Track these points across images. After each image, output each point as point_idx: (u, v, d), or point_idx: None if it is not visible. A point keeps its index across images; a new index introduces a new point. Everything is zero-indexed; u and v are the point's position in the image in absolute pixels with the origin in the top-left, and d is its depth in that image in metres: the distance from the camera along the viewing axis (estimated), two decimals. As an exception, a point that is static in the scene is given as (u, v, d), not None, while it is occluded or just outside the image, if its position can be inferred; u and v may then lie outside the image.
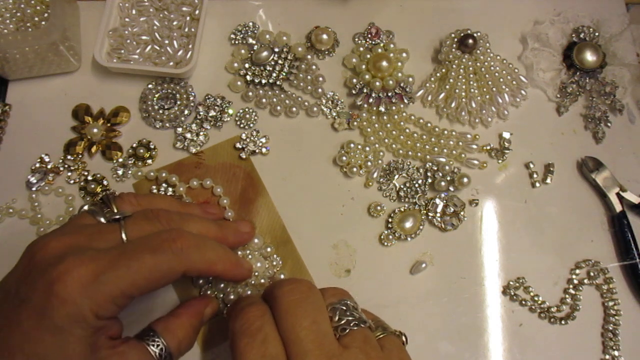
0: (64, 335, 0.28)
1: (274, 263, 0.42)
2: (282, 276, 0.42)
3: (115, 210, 0.35)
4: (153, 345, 0.33)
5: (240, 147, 0.45)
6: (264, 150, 0.46)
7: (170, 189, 0.44)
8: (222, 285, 0.40)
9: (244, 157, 0.45)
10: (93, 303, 0.29)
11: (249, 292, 0.40)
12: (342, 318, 0.32)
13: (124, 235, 0.33)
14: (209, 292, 0.41)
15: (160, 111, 0.46)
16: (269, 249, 0.42)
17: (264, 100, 0.47)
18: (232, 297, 0.40)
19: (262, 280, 0.41)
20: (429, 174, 0.45)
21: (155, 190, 0.44)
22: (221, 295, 0.41)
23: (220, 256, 0.35)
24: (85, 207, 0.36)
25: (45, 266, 0.30)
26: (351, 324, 0.32)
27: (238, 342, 0.30)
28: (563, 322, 0.43)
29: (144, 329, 0.34)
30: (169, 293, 0.42)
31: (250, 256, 0.41)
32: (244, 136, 0.46)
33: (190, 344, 0.36)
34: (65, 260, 0.29)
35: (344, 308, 0.33)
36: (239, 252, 0.41)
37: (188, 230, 0.34)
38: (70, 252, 0.30)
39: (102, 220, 0.34)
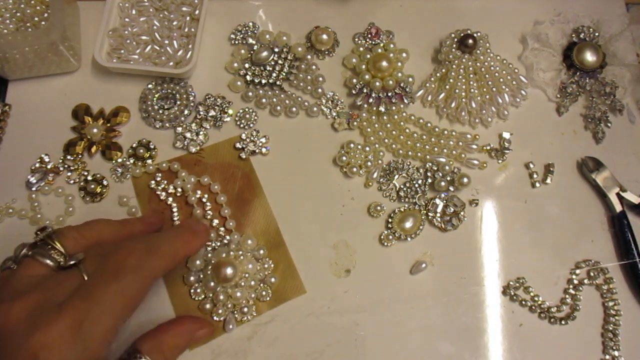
0: None
1: (266, 266, 0.42)
2: (272, 280, 0.42)
3: (62, 250, 0.32)
4: None
5: (240, 147, 0.45)
6: (264, 150, 0.46)
7: (171, 187, 0.44)
8: (212, 284, 0.40)
9: (243, 157, 0.45)
10: (87, 354, 0.28)
11: (238, 294, 0.40)
12: None
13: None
14: (199, 290, 0.41)
15: (160, 111, 0.46)
16: (261, 251, 0.42)
17: (264, 100, 0.47)
18: (221, 297, 0.40)
19: (252, 282, 0.41)
20: (429, 174, 0.45)
21: (153, 185, 0.44)
22: (210, 295, 0.41)
23: (175, 242, 0.35)
24: (24, 251, 0.32)
25: (18, 336, 0.27)
26: None
27: None
28: (563, 322, 0.43)
29: (130, 350, 0.34)
30: (163, 294, 0.42)
31: (242, 257, 0.41)
32: (244, 136, 0.46)
33: (176, 357, 0.36)
34: (39, 325, 0.28)
35: None
36: (231, 253, 0.41)
37: None
38: (40, 312, 0.28)
39: (49, 262, 0.32)
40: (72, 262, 0.32)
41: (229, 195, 0.44)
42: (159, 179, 0.44)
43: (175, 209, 0.43)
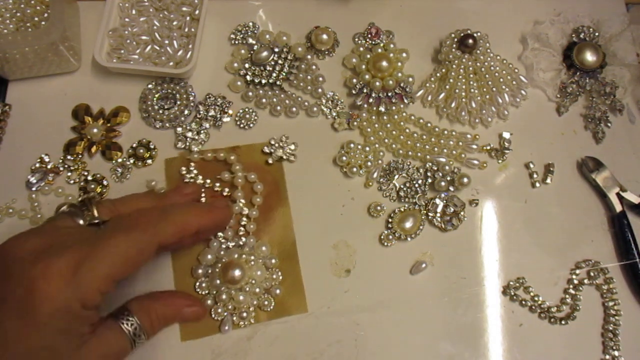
0: (50, 330, 0.29)
1: (274, 276, 0.42)
2: (277, 291, 0.42)
3: (96, 215, 0.35)
4: (127, 324, 0.34)
5: (268, 151, 0.45)
6: (291, 158, 0.45)
7: (200, 178, 0.44)
8: (217, 282, 0.40)
9: (270, 162, 0.45)
10: (79, 293, 0.30)
11: (241, 298, 0.40)
12: None
13: None
14: (204, 285, 0.41)
15: (160, 111, 0.46)
16: (273, 260, 0.42)
17: (264, 100, 0.47)
18: (224, 297, 0.40)
19: (257, 290, 0.41)
20: (429, 174, 0.45)
21: (184, 172, 0.44)
22: (214, 292, 0.41)
23: (189, 212, 0.36)
24: (64, 208, 0.36)
25: (22, 263, 0.30)
26: None
27: None
28: (563, 322, 0.43)
29: (120, 308, 0.35)
30: (169, 282, 0.42)
31: (253, 262, 0.41)
32: (272, 141, 0.45)
33: (162, 327, 0.37)
34: (43, 257, 0.30)
35: None
36: (243, 256, 0.41)
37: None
38: (49, 249, 0.30)
39: (81, 222, 0.34)
40: (96, 222, 0.35)
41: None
42: (192, 167, 0.44)
43: (203, 199, 0.43)
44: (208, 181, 0.44)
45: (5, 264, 0.31)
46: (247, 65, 0.48)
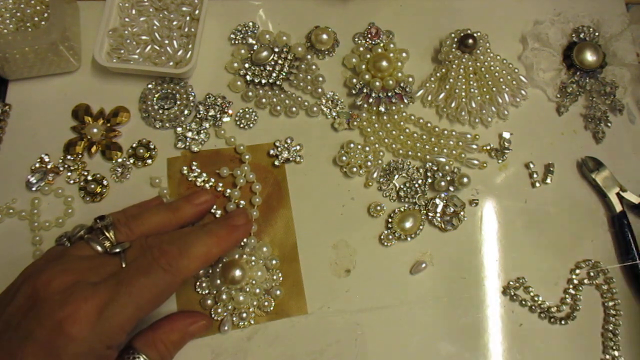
0: None
1: (274, 277, 0.42)
2: (278, 292, 0.42)
3: (114, 239, 0.35)
4: None
5: (274, 154, 0.45)
6: (297, 158, 0.45)
7: (204, 175, 0.44)
8: (218, 282, 0.40)
9: (277, 164, 0.45)
10: (104, 336, 0.30)
11: (241, 298, 0.40)
12: None
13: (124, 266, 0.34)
14: (204, 285, 0.41)
15: (160, 111, 0.46)
16: (274, 262, 0.42)
17: (264, 100, 0.47)
18: (224, 297, 0.40)
19: (257, 290, 0.41)
20: (429, 174, 0.45)
21: (186, 171, 0.44)
22: (214, 292, 0.41)
23: (210, 243, 0.35)
24: (81, 233, 0.36)
25: (50, 304, 0.30)
26: None
27: None
28: (563, 322, 0.43)
29: (125, 347, 0.35)
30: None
31: (253, 263, 0.41)
32: (277, 143, 0.46)
33: (173, 353, 0.37)
34: (72, 299, 0.30)
35: None
36: (244, 256, 0.41)
37: None
38: (75, 289, 0.31)
39: (99, 248, 0.35)
40: (117, 250, 0.35)
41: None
42: (194, 167, 0.44)
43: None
44: (212, 180, 0.44)
45: (32, 301, 0.31)
46: (247, 65, 0.48)
